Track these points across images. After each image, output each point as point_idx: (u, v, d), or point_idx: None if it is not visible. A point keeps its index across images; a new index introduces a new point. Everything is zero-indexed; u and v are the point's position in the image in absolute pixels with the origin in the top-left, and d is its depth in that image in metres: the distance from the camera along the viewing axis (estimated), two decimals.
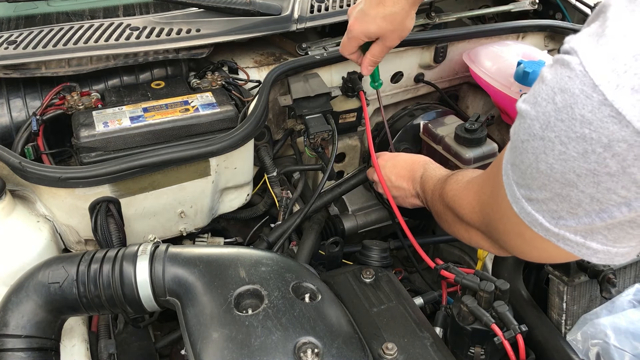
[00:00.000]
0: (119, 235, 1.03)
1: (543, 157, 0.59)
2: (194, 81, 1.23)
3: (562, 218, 0.62)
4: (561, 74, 0.55)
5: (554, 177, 0.59)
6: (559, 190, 0.60)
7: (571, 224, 0.62)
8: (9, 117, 1.11)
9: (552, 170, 0.59)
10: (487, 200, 0.80)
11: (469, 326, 0.93)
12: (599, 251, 0.63)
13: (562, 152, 0.56)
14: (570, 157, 0.56)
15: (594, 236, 0.62)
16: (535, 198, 0.64)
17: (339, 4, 1.38)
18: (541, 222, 0.65)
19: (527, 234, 0.68)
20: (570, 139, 0.55)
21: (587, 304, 1.03)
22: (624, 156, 0.52)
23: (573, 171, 0.57)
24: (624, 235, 0.61)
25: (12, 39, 1.12)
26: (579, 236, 0.63)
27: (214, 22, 1.25)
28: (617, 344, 0.91)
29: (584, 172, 0.56)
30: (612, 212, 0.57)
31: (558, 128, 0.56)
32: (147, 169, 1.02)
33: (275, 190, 1.26)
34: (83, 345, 0.98)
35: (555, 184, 0.59)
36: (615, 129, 0.51)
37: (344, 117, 1.31)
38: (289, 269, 0.91)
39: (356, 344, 0.82)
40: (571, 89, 0.54)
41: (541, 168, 0.60)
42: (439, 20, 1.47)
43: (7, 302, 0.83)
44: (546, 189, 0.61)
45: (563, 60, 0.56)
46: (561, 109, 0.55)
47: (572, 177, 0.57)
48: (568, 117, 0.55)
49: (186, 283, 0.86)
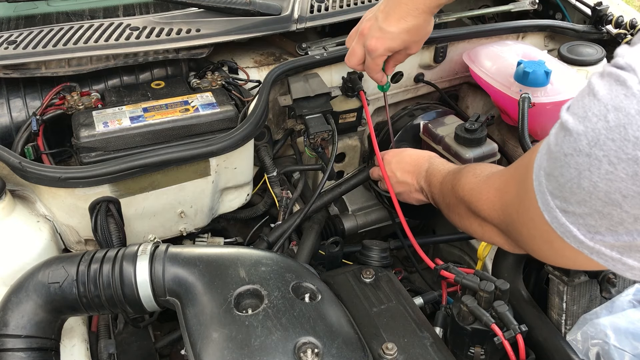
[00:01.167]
0: (119, 235, 1.03)
1: (587, 174, 0.57)
2: (194, 81, 1.23)
3: (600, 234, 0.60)
4: (617, 92, 0.54)
5: (596, 195, 0.58)
6: (600, 208, 0.58)
7: (609, 240, 0.60)
8: (9, 117, 1.11)
9: (595, 188, 0.57)
10: (511, 201, 0.77)
11: (468, 326, 0.93)
12: (635, 268, 0.62)
13: (610, 172, 0.55)
14: (618, 177, 0.55)
15: (632, 253, 0.60)
16: (572, 211, 0.62)
17: (339, 4, 1.38)
18: (575, 234, 0.63)
19: (556, 242, 0.66)
20: (621, 160, 0.54)
21: (587, 304, 1.03)
22: None
23: (619, 192, 0.55)
24: None
25: (12, 39, 1.12)
26: (615, 252, 0.61)
27: (214, 22, 1.25)
28: (617, 344, 0.91)
29: (631, 194, 0.55)
30: None
31: (607, 147, 0.54)
32: (147, 169, 1.02)
33: (275, 190, 1.26)
34: (83, 345, 0.98)
35: (597, 202, 0.58)
36: None
37: (344, 117, 1.31)
38: (289, 269, 0.91)
39: (356, 344, 0.82)
40: (626, 109, 0.53)
41: (583, 184, 0.58)
42: (439, 20, 1.47)
43: (7, 302, 0.83)
44: (586, 204, 0.59)
45: (619, 77, 0.54)
46: (613, 127, 0.54)
47: (617, 197, 0.56)
48: (620, 137, 0.53)
49: (186, 283, 0.86)
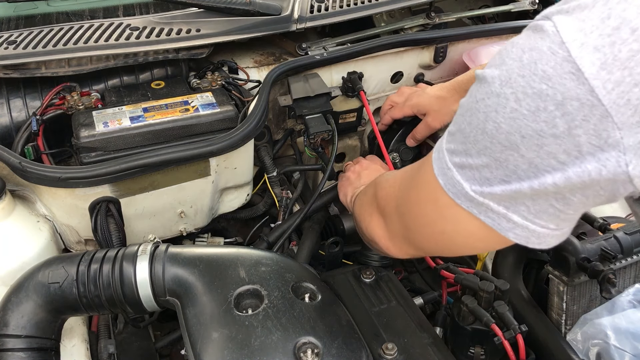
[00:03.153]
0: (119, 235, 1.03)
1: (493, 115, 0.59)
2: (194, 81, 1.23)
3: (491, 185, 0.61)
4: (533, 37, 0.56)
5: (497, 138, 0.59)
6: (498, 155, 0.59)
7: (497, 191, 0.61)
8: (9, 117, 1.11)
9: (498, 130, 0.59)
10: (408, 177, 0.80)
11: (469, 326, 0.93)
12: (518, 225, 0.62)
13: (514, 109, 0.56)
14: (520, 115, 0.56)
15: (517, 207, 0.61)
16: (469, 165, 0.63)
17: (339, 4, 1.38)
18: (467, 191, 0.64)
19: (447, 208, 0.67)
20: (526, 95, 0.55)
21: (587, 304, 1.03)
22: (573, 116, 0.53)
23: (519, 131, 0.57)
24: (546, 209, 0.60)
25: (12, 39, 1.12)
26: (502, 206, 0.62)
27: (214, 22, 1.25)
28: (617, 344, 0.91)
29: (530, 133, 0.56)
30: (545, 178, 0.57)
31: (517, 84, 0.56)
32: (147, 169, 1.02)
33: (275, 190, 1.26)
34: (83, 345, 0.97)
35: (496, 147, 0.59)
36: (572, 85, 0.52)
37: (344, 117, 1.31)
38: (289, 269, 0.91)
39: (356, 344, 0.82)
40: (540, 47, 0.55)
41: (488, 128, 0.60)
42: (439, 20, 1.47)
43: (7, 302, 0.83)
44: (485, 153, 0.61)
45: (536, 25, 0.56)
46: (525, 65, 0.56)
47: (516, 139, 0.57)
48: (530, 73, 0.55)
49: (186, 283, 0.86)
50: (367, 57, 1.33)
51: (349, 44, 1.36)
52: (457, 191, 0.65)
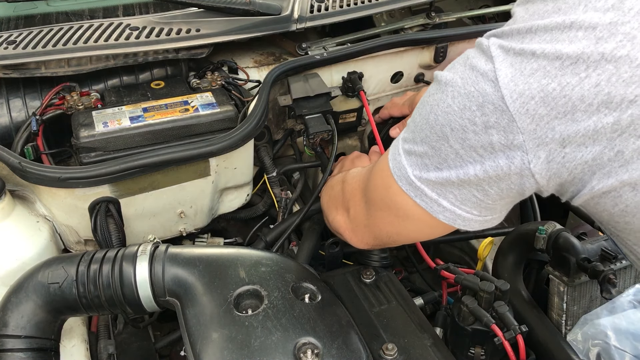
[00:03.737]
0: (119, 235, 1.03)
1: (435, 108, 0.69)
2: (193, 81, 1.22)
3: (428, 172, 0.72)
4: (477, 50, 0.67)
5: (435, 129, 0.69)
6: (434, 143, 0.69)
7: (432, 178, 0.71)
8: (9, 117, 1.11)
9: (436, 122, 0.69)
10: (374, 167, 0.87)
11: (469, 326, 0.93)
12: (447, 209, 0.73)
13: (449, 105, 0.66)
14: (452, 110, 0.66)
15: (446, 194, 0.71)
16: (414, 151, 0.73)
17: (339, 4, 1.38)
18: (408, 175, 0.74)
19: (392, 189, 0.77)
20: (460, 94, 0.65)
21: (588, 304, 1.03)
22: (488, 117, 0.62)
23: (449, 125, 0.66)
24: (469, 198, 0.70)
25: (12, 39, 1.12)
26: (434, 193, 0.72)
27: (213, 22, 1.25)
28: (617, 344, 0.91)
29: (457, 127, 0.66)
30: (467, 169, 0.67)
31: (456, 84, 0.66)
32: (147, 169, 1.02)
33: (275, 191, 1.25)
34: (83, 346, 0.97)
35: (433, 137, 0.69)
36: (490, 91, 0.62)
37: (344, 117, 1.31)
38: (289, 270, 0.91)
39: (356, 345, 0.81)
40: (478, 58, 0.65)
41: (430, 119, 0.70)
42: (439, 20, 1.47)
43: (6, 302, 0.83)
44: (426, 141, 0.71)
45: (479, 42, 0.67)
46: (466, 70, 0.66)
47: (447, 131, 0.67)
48: (466, 77, 0.65)
49: (186, 283, 0.86)
50: (367, 57, 1.33)
51: (349, 44, 1.36)
52: (401, 174, 0.75)
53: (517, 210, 1.45)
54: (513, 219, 1.47)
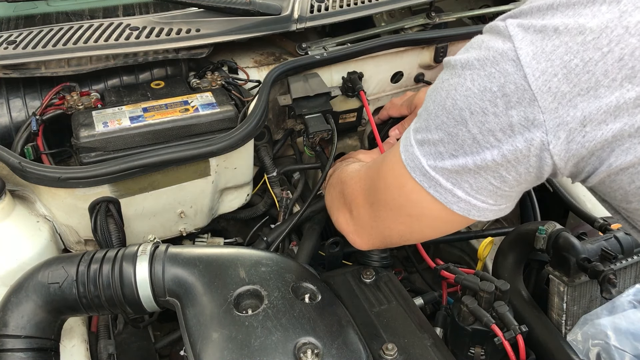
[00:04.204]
0: (119, 235, 1.03)
1: (453, 93, 0.67)
2: (193, 81, 1.22)
3: (443, 160, 0.70)
4: (491, 33, 0.67)
5: (452, 114, 0.67)
6: (451, 129, 0.68)
7: (447, 166, 0.70)
8: (9, 117, 1.11)
9: (454, 106, 0.67)
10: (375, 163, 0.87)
11: (469, 326, 0.93)
12: (462, 199, 0.71)
13: (469, 88, 0.65)
14: (472, 93, 0.65)
15: (462, 184, 0.70)
16: (427, 140, 0.72)
17: (339, 4, 1.38)
18: (422, 165, 0.72)
19: (407, 184, 0.75)
20: (479, 76, 0.64)
21: (588, 304, 1.03)
22: (510, 97, 0.61)
23: (469, 108, 0.65)
24: (486, 186, 0.69)
25: (12, 39, 1.12)
26: (449, 182, 0.71)
27: (213, 22, 1.25)
28: (617, 344, 0.91)
29: (477, 110, 0.64)
30: (485, 155, 0.66)
31: (474, 67, 0.65)
32: (147, 169, 1.02)
33: (275, 191, 1.25)
34: (83, 346, 0.97)
35: (451, 122, 0.68)
36: (512, 70, 0.61)
37: (344, 117, 1.31)
38: (289, 270, 0.91)
39: (356, 345, 0.81)
40: (495, 39, 0.64)
41: (447, 104, 0.68)
42: (439, 20, 1.47)
43: (6, 302, 0.83)
44: (442, 128, 0.69)
45: (493, 24, 0.67)
46: (483, 52, 0.65)
47: (466, 115, 0.66)
48: (484, 58, 0.64)
49: (186, 283, 0.86)
50: (367, 57, 1.33)
51: (349, 44, 1.36)
52: (415, 165, 0.73)
53: (517, 210, 1.45)
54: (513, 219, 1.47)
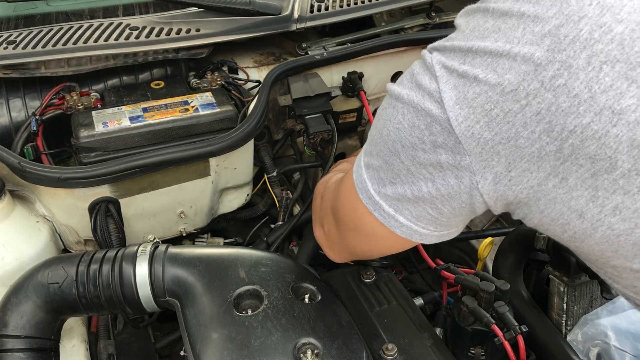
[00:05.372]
0: (119, 235, 1.03)
1: (388, 124, 0.68)
2: (193, 81, 1.22)
3: (384, 186, 0.71)
4: (422, 65, 0.66)
5: (387, 144, 0.68)
6: (387, 158, 0.69)
7: (388, 193, 0.71)
8: (8, 117, 1.11)
9: (389, 137, 0.68)
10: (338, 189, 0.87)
11: (469, 327, 0.93)
12: (404, 225, 0.72)
13: (400, 122, 0.66)
14: (402, 127, 0.65)
15: (402, 210, 0.71)
16: (372, 165, 0.73)
17: (339, 4, 1.38)
18: (368, 188, 0.73)
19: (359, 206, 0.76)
20: (410, 111, 0.64)
21: (588, 304, 1.03)
22: (436, 137, 0.62)
23: (400, 141, 0.66)
24: (425, 215, 0.70)
25: (12, 39, 1.12)
26: (391, 208, 0.72)
27: (213, 22, 1.25)
28: (617, 344, 0.91)
29: (407, 144, 0.65)
30: (420, 186, 0.67)
31: (405, 101, 0.65)
32: (147, 169, 1.02)
33: (275, 191, 1.25)
34: (82, 346, 0.97)
35: (386, 151, 0.69)
36: (437, 112, 0.61)
37: (344, 117, 1.31)
38: (289, 270, 0.91)
39: (356, 345, 0.81)
40: (423, 74, 0.64)
41: (383, 133, 0.69)
42: (439, 20, 1.47)
43: (6, 302, 0.83)
44: (381, 155, 0.70)
45: (423, 55, 0.66)
46: (413, 87, 0.65)
47: (398, 147, 0.67)
48: (414, 94, 0.64)
49: (186, 283, 0.86)
50: (367, 57, 1.33)
51: (349, 43, 1.36)
52: (362, 187, 0.75)
53: None
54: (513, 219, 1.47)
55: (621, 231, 0.57)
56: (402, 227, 0.72)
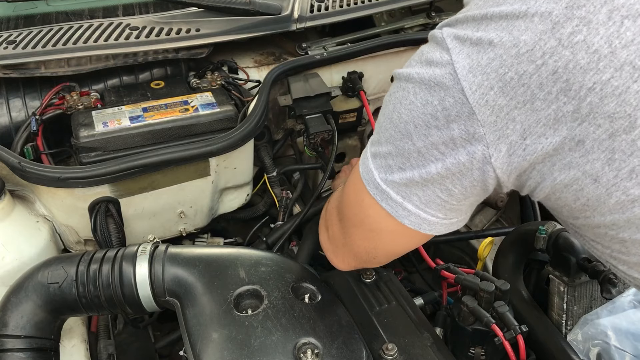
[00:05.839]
0: (119, 235, 1.03)
1: (398, 106, 0.67)
2: (193, 81, 1.22)
3: (392, 173, 0.70)
4: (431, 43, 0.66)
5: (399, 127, 0.67)
6: (398, 142, 0.67)
7: (396, 179, 0.69)
8: (8, 117, 1.11)
9: (399, 119, 0.67)
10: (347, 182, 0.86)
11: (469, 326, 0.93)
12: (412, 213, 0.71)
13: (412, 101, 0.64)
14: (415, 106, 0.64)
15: (411, 197, 0.70)
16: (379, 153, 0.72)
17: (339, 4, 1.38)
18: (375, 177, 0.72)
19: (365, 198, 0.75)
20: (422, 90, 0.63)
21: (588, 304, 1.03)
22: (449, 111, 0.60)
23: (413, 121, 0.65)
24: (434, 200, 0.68)
25: (12, 39, 1.12)
26: (399, 196, 0.70)
27: (213, 21, 1.25)
28: (617, 344, 0.91)
29: (420, 123, 0.64)
30: (429, 168, 0.65)
31: (415, 80, 0.64)
32: (147, 169, 1.02)
33: (275, 191, 1.25)
34: (82, 346, 0.97)
35: (397, 135, 0.67)
36: (450, 84, 0.60)
37: (344, 117, 1.31)
38: (289, 270, 0.91)
39: (356, 345, 0.81)
40: (434, 50, 0.64)
41: (394, 118, 0.68)
42: (439, 20, 1.47)
43: (6, 302, 0.83)
44: (390, 141, 0.69)
45: (432, 34, 0.66)
46: (423, 64, 0.64)
47: (410, 128, 0.65)
48: (424, 71, 0.63)
49: (186, 283, 0.86)
50: (367, 57, 1.33)
51: (349, 43, 1.36)
52: (369, 178, 0.73)
53: (517, 210, 1.45)
54: (513, 219, 1.47)
55: (636, 196, 0.56)
56: (410, 216, 0.71)
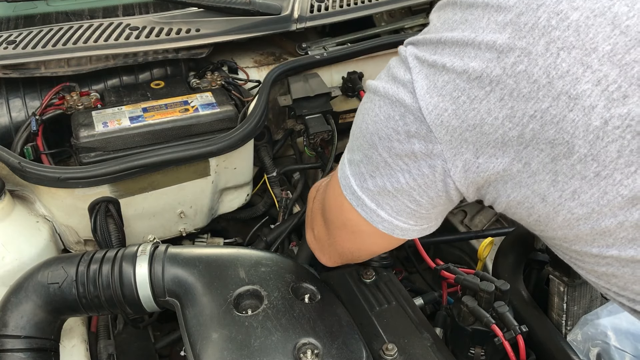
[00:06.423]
0: (119, 235, 1.03)
1: (366, 117, 0.70)
2: (193, 81, 1.22)
3: (365, 181, 0.72)
4: (397, 59, 0.68)
5: (366, 137, 0.70)
6: (367, 151, 0.70)
7: (370, 187, 0.71)
8: (8, 117, 1.11)
9: (367, 130, 0.69)
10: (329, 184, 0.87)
11: (469, 327, 0.93)
12: (385, 220, 0.73)
13: (377, 114, 0.67)
14: (379, 119, 0.67)
15: (384, 205, 0.72)
16: (353, 160, 0.74)
17: (339, 4, 1.38)
18: (352, 184, 0.74)
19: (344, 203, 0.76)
20: (386, 104, 0.66)
21: (588, 304, 1.03)
22: (409, 127, 0.63)
23: (377, 133, 0.67)
24: (404, 209, 0.71)
25: (12, 39, 1.12)
26: (373, 203, 0.72)
27: (213, 22, 1.25)
28: (617, 344, 0.91)
29: (384, 136, 0.66)
30: (398, 177, 0.67)
31: (381, 94, 0.67)
32: (147, 169, 1.02)
33: (275, 191, 1.25)
34: (82, 346, 0.97)
35: (366, 145, 0.70)
36: (409, 102, 0.63)
37: (344, 117, 1.31)
38: (289, 270, 0.91)
39: (356, 345, 0.81)
40: (398, 67, 0.66)
41: (362, 128, 0.71)
42: None
43: (6, 302, 0.83)
44: (360, 149, 0.72)
45: (399, 50, 0.69)
46: (389, 79, 0.67)
47: (375, 139, 0.68)
48: (389, 86, 0.66)
49: (186, 283, 0.86)
50: (367, 57, 1.33)
51: (349, 43, 1.36)
52: (346, 184, 0.75)
53: None
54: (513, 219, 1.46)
55: (580, 215, 0.59)
56: (383, 222, 0.73)
